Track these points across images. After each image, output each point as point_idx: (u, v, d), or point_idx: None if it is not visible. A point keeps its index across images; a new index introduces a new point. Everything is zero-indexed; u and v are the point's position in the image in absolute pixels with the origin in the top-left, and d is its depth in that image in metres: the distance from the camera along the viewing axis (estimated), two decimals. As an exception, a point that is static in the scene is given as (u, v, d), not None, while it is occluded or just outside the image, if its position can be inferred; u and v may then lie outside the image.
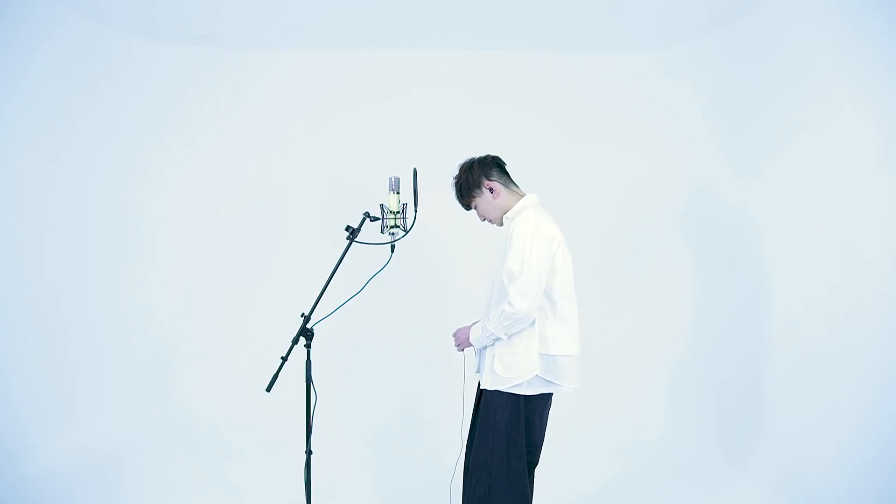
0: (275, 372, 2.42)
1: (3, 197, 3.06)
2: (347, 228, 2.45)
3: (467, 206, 2.38)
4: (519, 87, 4.00)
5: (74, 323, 3.49)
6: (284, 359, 2.42)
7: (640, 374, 3.88)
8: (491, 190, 2.29)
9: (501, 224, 2.33)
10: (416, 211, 2.42)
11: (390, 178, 2.44)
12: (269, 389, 2.42)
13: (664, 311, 3.85)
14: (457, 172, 2.36)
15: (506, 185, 2.31)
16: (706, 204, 3.60)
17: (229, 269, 4.00)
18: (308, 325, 2.41)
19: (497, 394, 2.17)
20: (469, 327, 2.28)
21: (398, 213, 2.43)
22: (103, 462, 3.18)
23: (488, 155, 2.35)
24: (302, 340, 2.41)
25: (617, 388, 3.87)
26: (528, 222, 2.13)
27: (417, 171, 2.43)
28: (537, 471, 2.39)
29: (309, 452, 2.47)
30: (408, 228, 2.46)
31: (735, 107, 3.36)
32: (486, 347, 2.24)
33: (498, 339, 2.15)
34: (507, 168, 2.38)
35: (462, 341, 2.31)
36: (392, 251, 2.48)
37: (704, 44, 3.56)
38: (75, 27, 3.32)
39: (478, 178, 2.29)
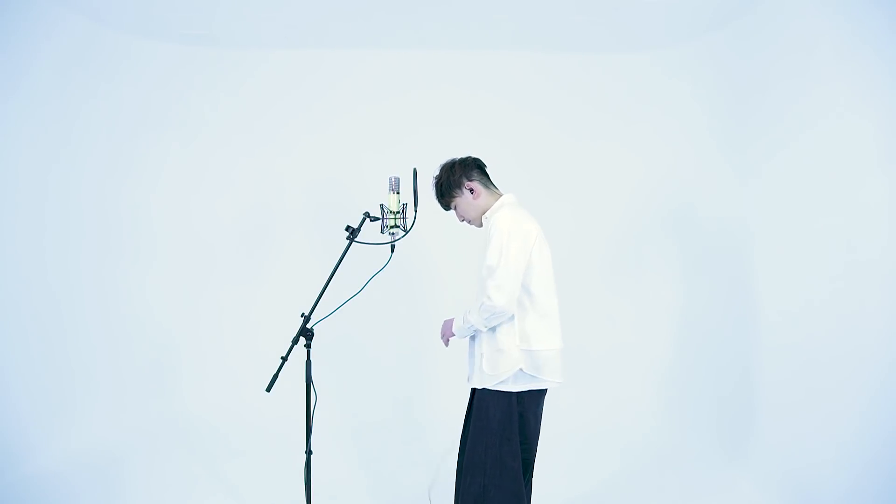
0: (275, 372, 2.42)
1: (3, 197, 3.06)
2: (347, 228, 2.45)
3: (447, 206, 2.40)
4: (519, 86, 4.00)
5: (74, 323, 3.49)
6: (284, 359, 2.42)
7: (639, 372, 3.88)
8: (471, 191, 2.31)
9: (480, 225, 2.35)
10: (416, 211, 2.42)
11: (390, 178, 2.44)
12: (269, 389, 2.42)
13: (664, 310, 3.85)
14: (437, 172, 2.38)
15: (486, 186, 2.34)
16: (705, 203, 3.60)
17: (229, 269, 4.00)
18: (308, 325, 2.41)
19: (488, 392, 2.18)
20: (452, 319, 2.31)
21: (398, 213, 2.43)
22: (103, 462, 3.18)
23: (469, 156, 2.37)
24: (302, 340, 2.41)
25: (616, 386, 3.87)
26: (505, 218, 2.16)
27: (417, 171, 2.43)
28: (535, 470, 2.39)
29: (309, 452, 2.47)
30: (408, 228, 2.46)
31: (735, 106, 3.35)
32: (473, 339, 2.27)
33: (478, 330, 2.18)
34: (489, 169, 2.40)
35: (445, 332, 2.34)
36: (392, 251, 2.48)
37: (704, 43, 3.56)
38: (75, 27, 3.32)
39: (459, 178, 2.31)
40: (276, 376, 2.42)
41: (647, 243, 3.92)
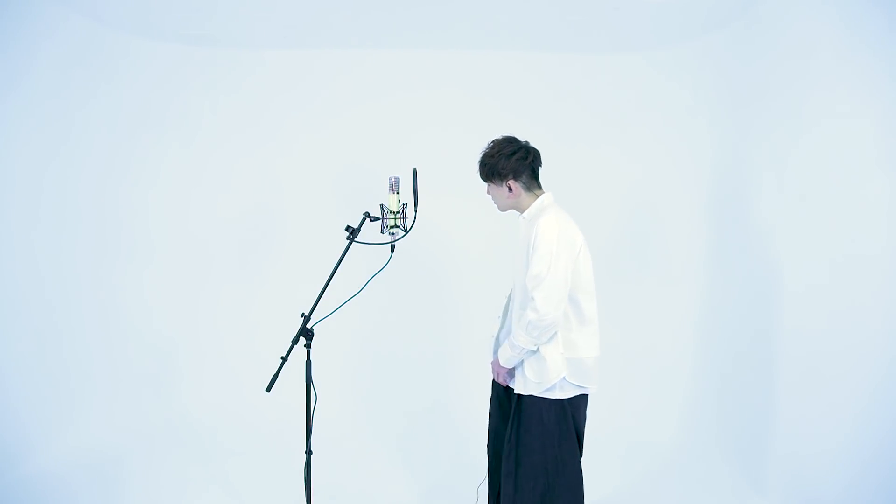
0: (275, 372, 2.42)
1: (1, 196, 3.06)
2: (347, 228, 2.45)
3: (483, 179, 2.31)
4: (518, 87, 3.98)
5: (73, 323, 3.49)
6: (284, 359, 2.42)
7: (638, 376, 3.87)
8: (510, 189, 2.23)
9: (503, 211, 2.33)
10: (416, 211, 2.42)
11: (390, 178, 2.44)
12: (269, 389, 2.42)
13: (665, 313, 3.83)
14: (491, 148, 2.24)
15: (528, 189, 2.25)
16: (704, 205, 3.59)
17: (228, 269, 4.00)
18: (308, 325, 2.41)
19: (538, 398, 2.16)
20: (497, 358, 2.26)
21: (398, 213, 2.43)
22: (103, 462, 3.18)
23: (530, 151, 2.24)
24: (302, 340, 2.41)
25: (618, 391, 3.87)
26: (552, 225, 2.09)
27: (417, 171, 2.43)
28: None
29: (309, 452, 2.47)
30: (408, 228, 2.46)
31: (733, 108, 3.35)
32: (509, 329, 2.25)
33: (531, 351, 2.13)
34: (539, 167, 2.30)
35: (499, 371, 2.27)
36: (392, 251, 2.48)
37: (703, 45, 3.55)
38: (74, 27, 3.32)
39: (506, 172, 2.20)
40: (276, 376, 2.42)
41: (643, 245, 3.90)
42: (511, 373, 2.25)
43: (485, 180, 2.30)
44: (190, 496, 2.92)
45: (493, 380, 2.42)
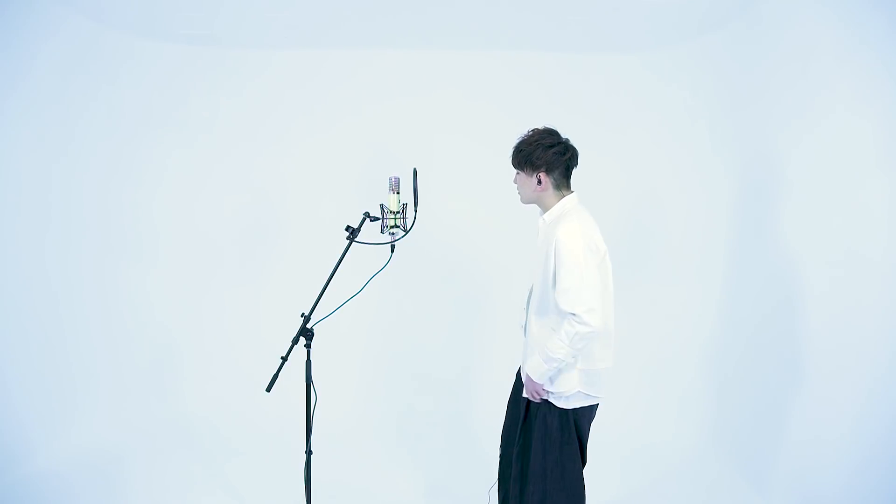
0: (275, 372, 2.42)
1: (5, 198, 3.06)
2: (347, 228, 2.45)
3: (514, 166, 2.25)
4: (517, 88, 3.97)
5: (75, 323, 3.50)
6: (284, 359, 2.43)
7: (638, 380, 3.87)
8: (539, 182, 2.15)
9: (525, 203, 2.27)
10: (416, 211, 2.42)
11: (390, 178, 2.44)
12: (269, 389, 2.43)
13: (666, 316, 3.82)
14: (530, 136, 2.16)
15: (556, 187, 2.17)
16: (703, 207, 3.58)
17: (230, 270, 4.00)
18: (308, 325, 2.42)
19: (545, 402, 2.16)
20: (527, 374, 2.17)
21: (398, 213, 2.43)
22: (103, 462, 3.18)
23: (570, 148, 2.16)
24: (302, 340, 2.41)
25: (620, 394, 3.85)
26: (575, 234, 2.02)
27: (417, 171, 2.44)
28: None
29: (309, 452, 2.47)
30: (408, 228, 2.46)
31: (733, 108, 3.34)
32: (526, 330, 2.25)
33: (568, 364, 2.08)
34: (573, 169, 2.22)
35: (534, 388, 2.15)
36: (392, 251, 2.48)
37: (702, 46, 3.54)
38: (76, 28, 3.33)
39: (539, 164, 2.12)
40: (276, 376, 2.42)
41: (642, 248, 3.88)
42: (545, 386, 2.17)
43: (516, 168, 2.20)
44: (190, 496, 2.92)
45: (514, 383, 2.40)
